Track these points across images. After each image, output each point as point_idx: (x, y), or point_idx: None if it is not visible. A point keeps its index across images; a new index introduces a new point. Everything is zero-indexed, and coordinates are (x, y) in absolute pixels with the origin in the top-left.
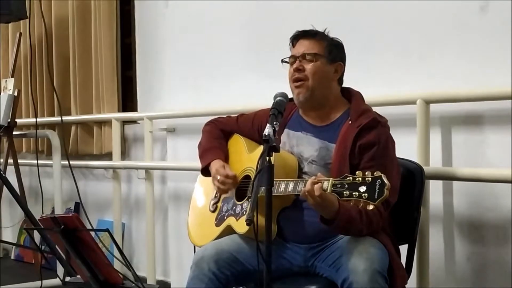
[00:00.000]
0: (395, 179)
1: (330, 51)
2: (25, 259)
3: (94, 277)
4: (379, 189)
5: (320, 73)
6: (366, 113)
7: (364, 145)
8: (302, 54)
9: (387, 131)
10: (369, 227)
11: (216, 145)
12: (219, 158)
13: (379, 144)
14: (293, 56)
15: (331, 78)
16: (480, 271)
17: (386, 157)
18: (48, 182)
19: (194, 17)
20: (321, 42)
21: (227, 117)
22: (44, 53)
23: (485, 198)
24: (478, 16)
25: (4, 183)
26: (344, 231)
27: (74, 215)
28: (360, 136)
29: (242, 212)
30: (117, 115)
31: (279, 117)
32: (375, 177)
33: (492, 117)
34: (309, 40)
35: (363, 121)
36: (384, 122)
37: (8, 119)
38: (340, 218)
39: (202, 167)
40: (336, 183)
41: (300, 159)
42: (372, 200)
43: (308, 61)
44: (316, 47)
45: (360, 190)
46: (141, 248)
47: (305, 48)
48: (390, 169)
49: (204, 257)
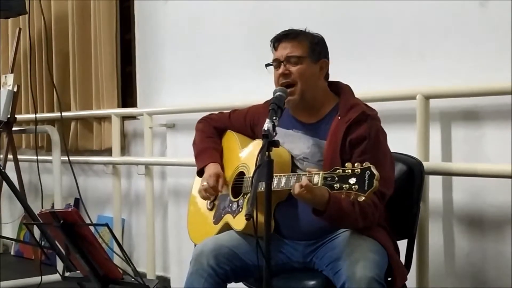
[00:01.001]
0: (388, 170)
1: (313, 50)
2: (25, 255)
3: (93, 272)
4: (368, 180)
5: (307, 75)
6: (355, 107)
7: (355, 139)
8: (286, 57)
9: (377, 124)
10: (365, 219)
11: (210, 145)
12: (215, 161)
13: (369, 138)
14: (277, 60)
15: (318, 77)
16: (479, 266)
17: (378, 150)
18: (47, 178)
19: (194, 13)
20: (303, 43)
21: (219, 113)
22: (44, 48)
23: (485, 193)
24: (478, 11)
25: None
26: (337, 222)
27: (74, 210)
28: (350, 131)
29: (238, 209)
30: (116, 110)
31: (279, 112)
32: (364, 168)
33: (492, 113)
34: (291, 42)
35: (352, 115)
36: (374, 115)
37: (7, 114)
38: (331, 208)
39: (197, 169)
40: (326, 176)
41: (292, 157)
42: (362, 191)
43: (293, 64)
44: (299, 49)
45: (350, 182)
46: (141, 243)
47: (288, 51)
48: (383, 161)
49: (204, 252)
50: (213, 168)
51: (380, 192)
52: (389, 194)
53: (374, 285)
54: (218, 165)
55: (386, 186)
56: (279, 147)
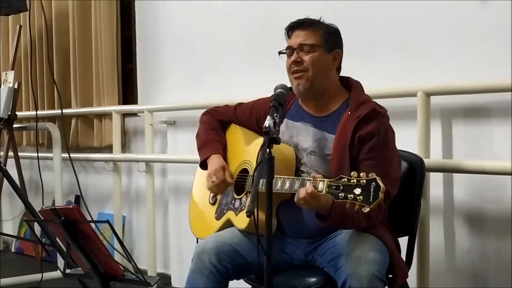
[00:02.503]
0: (395, 170)
1: (327, 40)
2: (26, 252)
3: (94, 269)
4: (374, 192)
5: (319, 64)
6: (365, 104)
7: (363, 136)
8: (299, 45)
9: (386, 122)
10: (368, 221)
11: (214, 137)
12: (218, 152)
13: (378, 135)
14: (290, 48)
15: (330, 67)
16: (480, 263)
17: (386, 148)
18: (48, 175)
19: (194, 10)
20: (317, 32)
21: (225, 106)
22: (44, 45)
23: (486, 190)
24: (479, 8)
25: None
26: (340, 226)
27: (75, 207)
28: (359, 127)
29: (240, 207)
30: (117, 108)
31: (280, 109)
32: (370, 180)
33: (493, 110)
34: (305, 31)
35: (362, 111)
36: (384, 113)
37: (8, 112)
38: (334, 213)
39: (200, 160)
40: (331, 184)
41: (299, 150)
42: (367, 203)
43: (306, 52)
44: (312, 37)
45: (355, 193)
46: (141, 241)
47: (301, 39)
48: (390, 160)
49: (205, 249)
50: (217, 161)
51: (386, 192)
52: (394, 193)
53: (375, 282)
54: (221, 156)
55: (392, 185)
56: (282, 144)
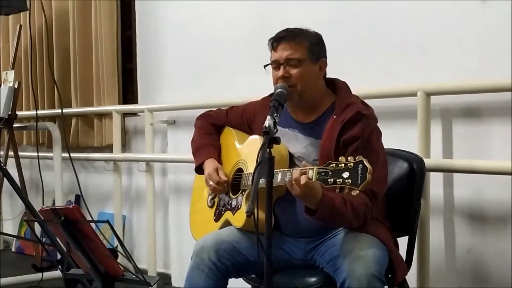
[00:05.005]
0: (380, 170)
1: (312, 51)
2: (26, 252)
3: (94, 269)
4: (361, 173)
5: (307, 77)
6: (350, 106)
7: (347, 140)
8: (285, 59)
9: (371, 123)
10: (357, 218)
11: (208, 141)
12: (212, 156)
13: (362, 138)
14: (276, 62)
15: (317, 77)
16: (480, 263)
17: (370, 149)
18: (48, 175)
19: (195, 10)
20: (302, 44)
21: (217, 110)
22: (45, 45)
23: (486, 190)
24: (479, 8)
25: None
26: (330, 221)
27: (75, 207)
28: (344, 130)
29: (237, 206)
30: (117, 107)
31: (280, 109)
32: (357, 162)
33: (493, 109)
34: (290, 43)
35: (347, 115)
36: (369, 114)
37: (8, 111)
38: (324, 207)
39: (195, 165)
40: (320, 171)
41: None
42: (355, 185)
43: (293, 66)
44: (298, 51)
45: (343, 177)
46: (141, 240)
47: (288, 53)
48: (375, 160)
49: (205, 247)
50: (211, 164)
51: (372, 192)
52: (381, 193)
53: (374, 282)
54: (215, 160)
55: (378, 185)
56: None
